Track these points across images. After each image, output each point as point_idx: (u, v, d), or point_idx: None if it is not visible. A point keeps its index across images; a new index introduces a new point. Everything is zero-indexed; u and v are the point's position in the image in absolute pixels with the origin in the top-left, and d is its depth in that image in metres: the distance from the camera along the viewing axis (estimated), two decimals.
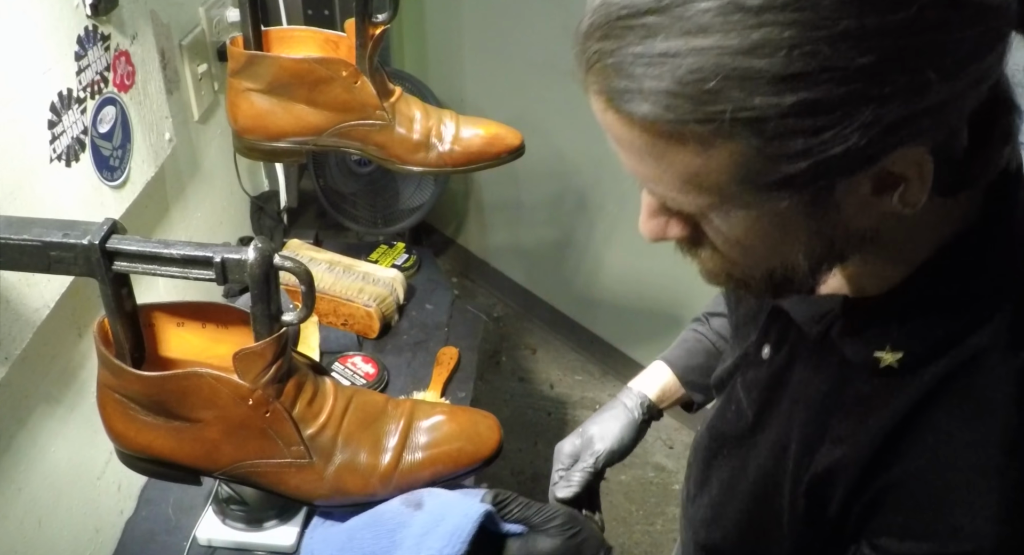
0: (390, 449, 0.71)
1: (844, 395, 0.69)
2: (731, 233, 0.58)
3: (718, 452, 0.87)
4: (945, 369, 0.61)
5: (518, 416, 2.56)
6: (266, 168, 1.90)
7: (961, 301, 0.61)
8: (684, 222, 0.61)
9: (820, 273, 0.61)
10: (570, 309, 2.80)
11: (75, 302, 1.09)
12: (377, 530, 0.71)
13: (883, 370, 0.64)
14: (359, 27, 0.99)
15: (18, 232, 0.61)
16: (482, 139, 1.06)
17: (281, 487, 0.71)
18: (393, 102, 1.04)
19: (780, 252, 0.59)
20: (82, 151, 1.03)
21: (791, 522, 0.75)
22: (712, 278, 0.65)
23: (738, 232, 0.57)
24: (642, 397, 1.08)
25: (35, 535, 1.05)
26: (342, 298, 1.57)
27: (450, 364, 1.52)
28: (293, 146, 1.04)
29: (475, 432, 0.74)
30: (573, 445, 1.03)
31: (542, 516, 0.76)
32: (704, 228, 0.60)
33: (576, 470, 1.01)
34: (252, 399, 0.66)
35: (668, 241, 0.64)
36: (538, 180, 2.65)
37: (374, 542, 0.71)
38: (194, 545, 1.21)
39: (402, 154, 1.05)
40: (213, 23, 1.50)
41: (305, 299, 0.64)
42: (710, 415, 0.93)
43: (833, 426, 0.69)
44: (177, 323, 0.71)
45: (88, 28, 1.03)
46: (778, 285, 0.62)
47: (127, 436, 0.70)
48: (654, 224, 0.62)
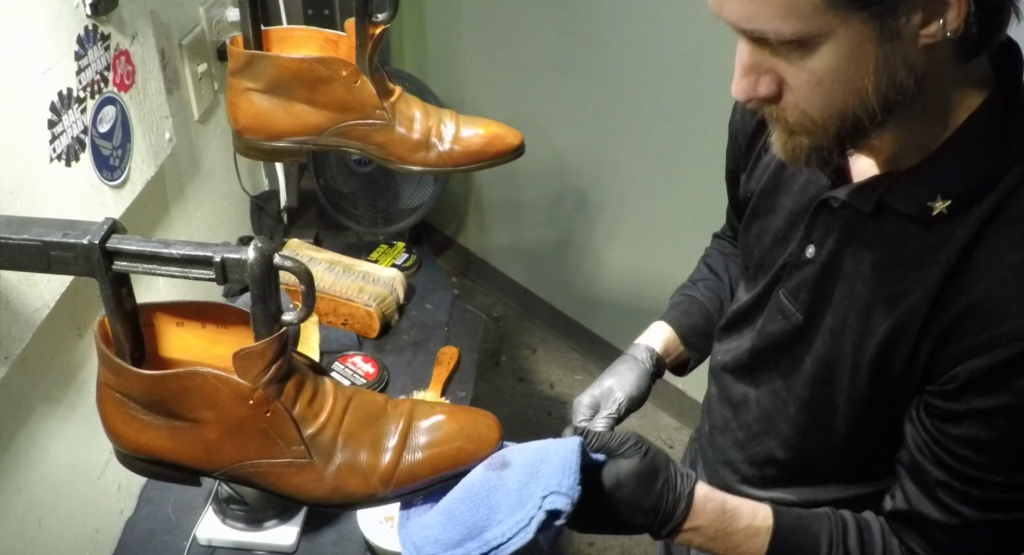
0: (390, 449, 0.71)
1: (899, 256, 0.78)
2: (813, 72, 0.68)
3: (762, 366, 0.96)
4: (990, 207, 0.73)
5: (518, 416, 2.56)
6: (266, 168, 1.90)
7: (998, 145, 0.73)
8: (772, 80, 0.71)
9: (888, 112, 0.70)
10: (570, 309, 2.80)
11: (75, 302, 1.09)
12: (473, 501, 0.72)
13: (935, 218, 0.75)
14: (359, 27, 0.99)
15: (18, 232, 0.61)
16: (482, 139, 1.06)
17: (281, 487, 0.70)
18: (393, 101, 1.04)
19: (854, 88, 0.68)
20: (82, 151, 1.03)
21: (851, 401, 0.84)
22: (791, 152, 0.75)
23: (820, 68, 0.67)
24: (650, 350, 1.11)
25: (35, 535, 1.05)
26: (342, 298, 1.57)
27: (450, 364, 1.53)
28: (293, 146, 1.04)
29: (475, 431, 0.74)
30: (592, 397, 1.06)
31: (617, 441, 0.82)
32: (788, 79, 0.70)
33: (600, 418, 1.04)
34: (252, 399, 0.66)
35: (755, 106, 0.74)
36: (538, 180, 2.65)
37: (473, 512, 0.72)
38: (194, 545, 1.21)
39: (402, 154, 1.05)
40: (213, 23, 1.51)
41: (305, 299, 0.64)
42: (735, 347, 1.01)
43: (892, 286, 0.79)
44: (177, 323, 0.71)
45: (88, 28, 1.03)
46: (850, 134, 0.72)
47: (126, 436, 0.69)
48: (746, 83, 0.72)
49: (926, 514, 0.81)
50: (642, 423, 2.58)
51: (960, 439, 0.76)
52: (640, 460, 0.81)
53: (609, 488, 0.80)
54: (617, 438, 0.82)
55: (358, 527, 1.20)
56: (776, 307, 0.92)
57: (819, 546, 0.86)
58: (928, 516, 0.81)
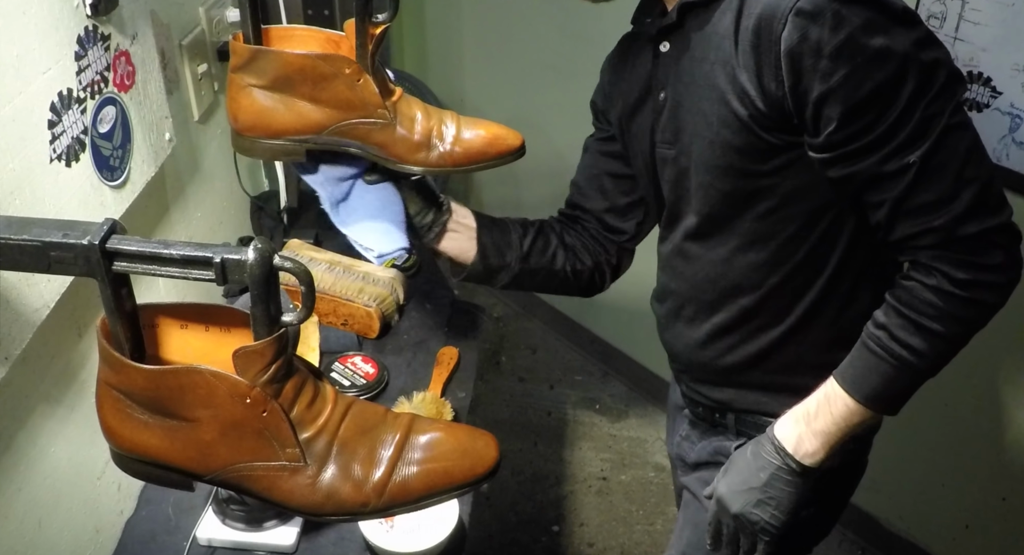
0: (385, 459, 0.70)
1: (705, 41, 0.96)
2: None
3: (702, 233, 1.07)
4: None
5: (518, 416, 2.56)
6: (266, 168, 1.90)
7: None
8: None
9: None
10: (570, 309, 2.80)
11: (75, 302, 1.09)
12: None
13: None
14: (359, 27, 0.99)
15: (18, 232, 0.61)
16: (483, 140, 1.06)
17: (274, 493, 0.70)
18: (394, 101, 1.04)
19: None
20: (82, 151, 1.03)
21: (760, 144, 0.94)
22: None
23: None
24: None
25: (35, 535, 1.05)
26: (342, 298, 1.56)
27: (450, 364, 1.52)
28: (292, 144, 1.04)
29: (472, 448, 0.73)
30: None
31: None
32: None
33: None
34: (250, 397, 0.65)
35: None
36: (538, 180, 2.65)
37: None
38: (194, 545, 1.21)
39: (402, 154, 1.05)
40: (213, 23, 1.51)
41: (305, 299, 0.64)
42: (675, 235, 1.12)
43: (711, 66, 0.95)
44: (181, 325, 0.71)
45: (88, 28, 1.03)
46: None
47: (122, 435, 0.69)
48: None
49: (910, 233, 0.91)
50: (641, 423, 2.58)
51: (837, 141, 0.88)
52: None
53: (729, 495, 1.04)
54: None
55: (358, 527, 1.20)
56: (660, 157, 1.07)
57: (874, 351, 0.94)
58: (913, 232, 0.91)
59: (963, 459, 1.92)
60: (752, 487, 1.02)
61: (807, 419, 0.99)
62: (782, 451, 1.00)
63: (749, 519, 1.02)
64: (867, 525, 2.15)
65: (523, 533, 2.24)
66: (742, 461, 1.04)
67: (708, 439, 1.21)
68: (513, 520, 2.27)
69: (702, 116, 0.97)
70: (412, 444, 0.72)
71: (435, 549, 1.18)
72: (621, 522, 2.28)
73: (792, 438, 0.99)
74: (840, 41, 0.84)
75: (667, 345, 1.22)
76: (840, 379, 0.97)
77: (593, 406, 2.64)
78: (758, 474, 1.01)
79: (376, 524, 1.19)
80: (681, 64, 1.00)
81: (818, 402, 0.99)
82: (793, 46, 0.85)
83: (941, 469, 1.98)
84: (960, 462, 1.93)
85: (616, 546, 2.22)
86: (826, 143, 0.89)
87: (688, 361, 1.18)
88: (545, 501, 2.33)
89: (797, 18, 0.84)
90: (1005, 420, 1.80)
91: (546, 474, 2.40)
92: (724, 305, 1.08)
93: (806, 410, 1.00)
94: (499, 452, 0.74)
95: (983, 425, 1.84)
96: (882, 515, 2.13)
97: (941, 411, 1.89)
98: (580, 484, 2.38)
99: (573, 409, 2.63)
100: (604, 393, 2.69)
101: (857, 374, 0.96)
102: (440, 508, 1.18)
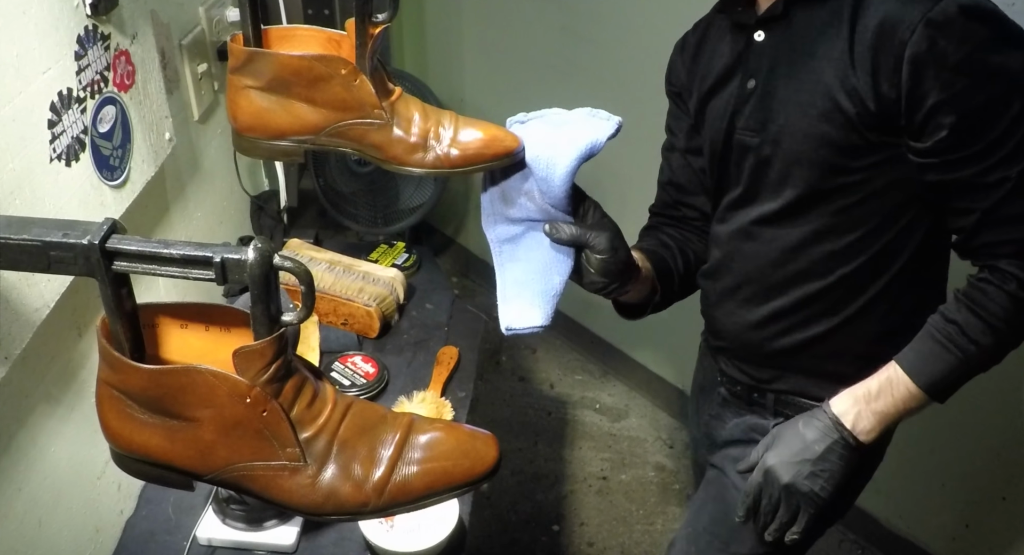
0: (385, 459, 0.70)
1: (813, 37, 0.98)
2: None
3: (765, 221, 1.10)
4: None
5: (518, 416, 2.56)
6: (266, 168, 1.90)
7: None
8: None
9: None
10: (570, 309, 2.80)
11: (75, 302, 1.09)
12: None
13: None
14: (359, 27, 0.99)
15: (18, 232, 0.61)
16: (480, 141, 1.06)
17: (273, 492, 0.70)
18: (392, 102, 1.04)
19: None
20: (82, 151, 1.03)
21: (861, 130, 0.97)
22: None
23: None
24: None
25: (35, 535, 1.05)
26: (342, 298, 1.57)
27: (450, 364, 1.53)
28: (291, 145, 1.04)
29: (472, 448, 0.73)
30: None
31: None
32: None
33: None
34: (250, 396, 0.65)
35: None
36: None
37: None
38: (194, 545, 1.21)
39: (399, 155, 1.05)
40: (213, 23, 1.51)
41: (305, 299, 0.64)
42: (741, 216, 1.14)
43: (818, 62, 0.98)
44: (181, 325, 0.71)
45: (88, 28, 1.03)
46: None
47: (122, 435, 0.69)
48: None
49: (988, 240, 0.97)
50: (641, 423, 2.58)
51: (936, 148, 0.93)
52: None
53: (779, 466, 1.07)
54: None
55: (358, 527, 1.20)
56: (737, 144, 1.09)
57: (942, 343, 1.00)
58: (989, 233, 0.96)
59: (963, 459, 1.92)
60: (806, 459, 1.05)
61: (867, 399, 1.05)
62: (840, 426, 1.04)
63: (800, 489, 1.06)
64: (867, 525, 2.15)
65: (523, 533, 2.24)
66: (791, 434, 1.08)
67: (742, 417, 1.24)
68: (513, 520, 2.27)
69: (798, 108, 1.00)
70: (412, 444, 0.72)
71: (435, 549, 1.18)
72: (621, 522, 2.28)
73: (851, 415, 1.05)
74: (964, 54, 0.89)
75: (714, 321, 1.23)
76: (905, 366, 1.03)
77: (593, 406, 2.64)
78: (813, 447, 1.05)
79: (376, 524, 1.19)
80: (779, 55, 1.03)
81: (879, 384, 1.04)
82: (920, 53, 0.89)
83: (941, 469, 1.98)
84: (960, 462, 1.93)
85: (616, 546, 2.22)
86: (932, 149, 0.94)
87: (735, 340, 1.20)
88: (545, 501, 2.33)
89: (927, 28, 0.89)
90: (1005, 420, 1.81)
91: (546, 474, 2.40)
92: (787, 290, 1.10)
93: (867, 390, 1.05)
94: (499, 452, 0.74)
95: (983, 425, 1.84)
96: (882, 515, 2.13)
97: (941, 411, 1.88)
98: (580, 484, 2.38)
99: (573, 409, 2.63)
100: (604, 393, 2.69)
101: (924, 363, 1.02)
102: (440, 508, 1.18)
